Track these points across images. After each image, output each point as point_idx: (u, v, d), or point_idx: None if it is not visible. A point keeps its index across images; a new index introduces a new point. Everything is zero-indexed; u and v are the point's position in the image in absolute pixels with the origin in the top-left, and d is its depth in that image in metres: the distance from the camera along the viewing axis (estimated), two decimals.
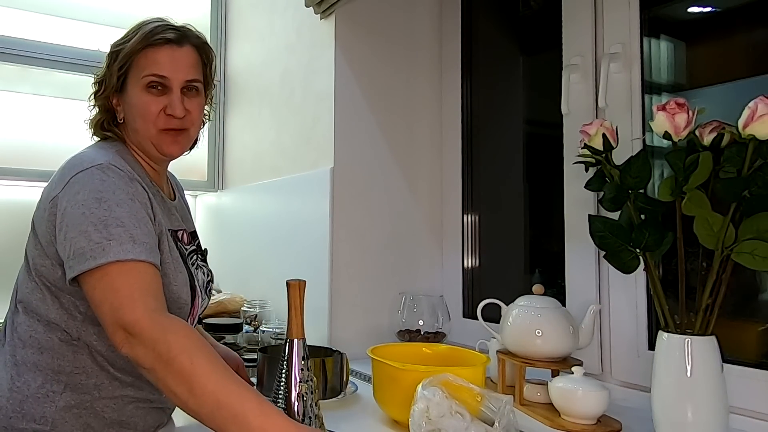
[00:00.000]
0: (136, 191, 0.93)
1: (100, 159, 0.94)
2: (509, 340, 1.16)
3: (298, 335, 0.88)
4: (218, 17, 2.42)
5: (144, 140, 1.03)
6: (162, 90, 1.00)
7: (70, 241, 0.87)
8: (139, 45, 1.00)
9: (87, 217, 0.86)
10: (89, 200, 0.88)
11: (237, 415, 0.71)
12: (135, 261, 0.85)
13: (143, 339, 0.78)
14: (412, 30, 1.77)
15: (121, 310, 0.80)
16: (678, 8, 1.28)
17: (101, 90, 1.05)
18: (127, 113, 1.04)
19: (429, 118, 1.78)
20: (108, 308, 0.82)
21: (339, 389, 1.19)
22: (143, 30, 1.02)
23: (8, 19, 2.15)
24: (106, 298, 0.83)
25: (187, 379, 0.75)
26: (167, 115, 1.01)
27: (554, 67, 1.39)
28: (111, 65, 1.03)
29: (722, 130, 0.90)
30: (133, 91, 1.01)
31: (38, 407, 0.91)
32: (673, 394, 0.90)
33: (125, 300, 0.81)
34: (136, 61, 1.00)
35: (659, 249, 0.96)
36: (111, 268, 0.83)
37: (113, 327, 0.81)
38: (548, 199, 1.52)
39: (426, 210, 1.76)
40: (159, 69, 1.00)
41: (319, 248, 1.60)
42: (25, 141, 2.14)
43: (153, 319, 0.80)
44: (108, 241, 0.84)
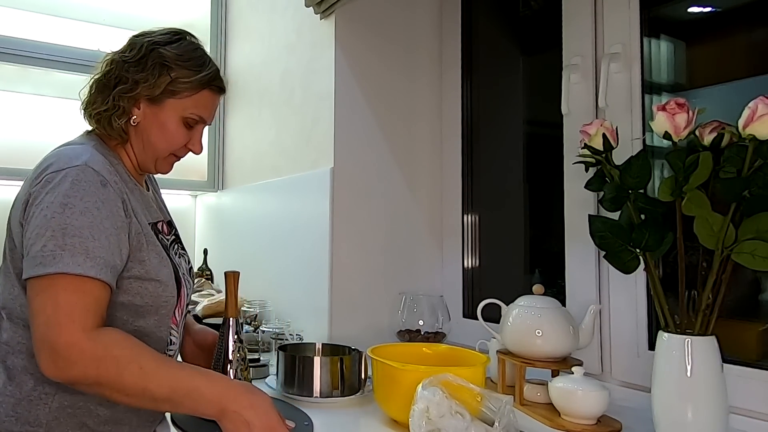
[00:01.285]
0: (107, 197, 0.91)
1: (78, 160, 0.91)
2: (509, 340, 1.16)
3: (232, 315, 1.09)
4: (218, 17, 2.42)
5: (150, 156, 1.05)
6: (191, 127, 1.06)
7: (27, 241, 0.86)
8: (200, 84, 1.03)
9: (48, 221, 0.85)
10: (55, 203, 0.86)
11: (191, 391, 0.83)
12: (84, 276, 0.83)
13: (83, 359, 0.80)
14: (413, 30, 1.77)
15: (55, 329, 0.80)
16: (678, 8, 1.28)
17: (134, 90, 1.01)
18: (148, 126, 1.03)
19: (429, 118, 1.78)
20: (42, 321, 0.81)
21: (357, 387, 1.20)
22: (207, 71, 1.04)
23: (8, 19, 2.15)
24: (44, 310, 0.82)
25: (140, 382, 0.82)
26: (186, 148, 1.08)
27: (554, 67, 1.39)
28: (159, 76, 1.01)
29: (722, 130, 0.90)
30: (170, 114, 1.03)
31: (32, 409, 0.91)
32: (673, 394, 0.90)
33: (63, 319, 0.81)
34: (190, 93, 1.03)
35: (659, 249, 0.96)
36: (58, 280, 0.82)
37: (41, 344, 0.81)
38: (548, 199, 1.52)
39: (426, 210, 1.76)
40: (204, 113, 1.06)
41: (319, 248, 1.60)
42: (25, 141, 2.14)
43: (92, 338, 0.81)
44: (61, 251, 0.83)
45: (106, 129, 1.03)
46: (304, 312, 1.67)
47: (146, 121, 1.03)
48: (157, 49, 1.02)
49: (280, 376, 1.22)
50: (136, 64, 1.01)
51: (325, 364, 1.17)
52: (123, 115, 1.02)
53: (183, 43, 1.05)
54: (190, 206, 2.60)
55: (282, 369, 1.21)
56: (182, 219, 2.53)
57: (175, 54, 1.02)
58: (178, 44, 1.04)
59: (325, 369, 1.17)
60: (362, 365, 1.21)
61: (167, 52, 1.02)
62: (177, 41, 1.05)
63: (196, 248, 2.48)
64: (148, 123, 1.03)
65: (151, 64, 1.01)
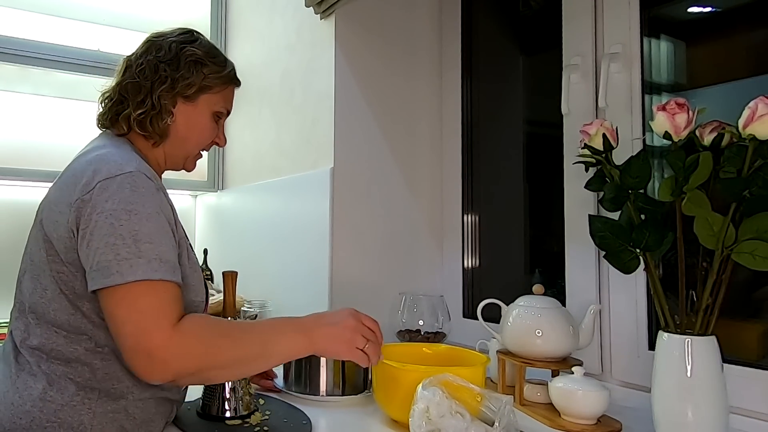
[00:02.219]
0: (162, 203, 0.92)
1: (129, 166, 0.91)
2: (509, 340, 1.16)
3: (230, 314, 1.11)
4: (218, 17, 2.42)
5: (181, 153, 1.09)
6: (218, 121, 1.11)
7: (95, 251, 0.84)
8: (228, 78, 1.10)
9: (116, 229, 0.84)
10: (119, 210, 0.85)
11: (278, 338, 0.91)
12: (161, 281, 0.84)
13: (179, 356, 0.82)
14: (413, 30, 1.77)
15: (145, 334, 0.81)
16: (678, 8, 1.28)
17: (175, 88, 1.03)
18: (184, 124, 1.06)
19: (429, 118, 1.78)
20: (131, 330, 0.82)
21: (362, 387, 1.20)
22: (230, 66, 1.11)
23: (8, 19, 2.15)
24: (131, 318, 0.82)
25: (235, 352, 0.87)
26: (212, 142, 1.13)
27: (554, 67, 1.39)
28: (195, 73, 1.04)
29: (722, 130, 0.90)
30: (202, 110, 1.07)
31: (75, 415, 0.89)
32: (673, 394, 0.89)
33: (150, 323, 0.82)
34: (220, 89, 1.09)
35: (659, 249, 0.96)
36: (137, 287, 0.83)
37: (133, 352, 0.82)
38: (548, 199, 1.52)
39: (426, 210, 1.76)
40: (230, 107, 1.14)
41: (319, 248, 1.60)
42: (25, 141, 2.15)
43: (180, 332, 0.83)
44: (137, 258, 0.83)
45: (148, 130, 1.03)
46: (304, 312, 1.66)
47: (181, 118, 1.05)
48: (188, 48, 1.05)
49: (286, 375, 1.23)
50: (170, 63, 1.04)
51: (331, 363, 1.18)
52: (167, 114, 1.04)
53: (202, 41, 1.10)
54: (190, 206, 2.60)
55: (288, 368, 1.22)
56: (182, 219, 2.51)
57: (204, 51, 1.06)
58: (199, 42, 1.09)
59: (331, 368, 1.18)
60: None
61: (196, 50, 1.06)
62: (197, 40, 1.09)
63: (196, 248, 2.48)
64: (184, 120, 1.06)
65: (185, 62, 1.04)
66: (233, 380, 1.05)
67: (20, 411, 0.89)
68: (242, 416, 1.05)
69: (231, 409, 1.05)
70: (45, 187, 1.01)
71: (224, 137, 1.15)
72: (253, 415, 1.06)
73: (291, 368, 1.23)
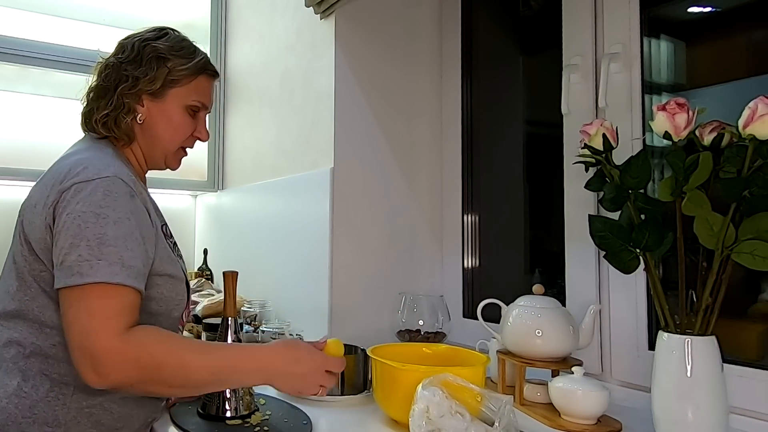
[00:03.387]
0: (136, 209, 0.92)
1: (107, 170, 0.92)
2: (509, 340, 1.16)
3: (231, 314, 1.09)
4: (218, 17, 2.42)
5: (158, 152, 1.08)
6: (194, 115, 1.10)
7: (60, 250, 0.86)
8: (196, 69, 1.08)
9: (82, 230, 0.85)
10: (87, 213, 0.87)
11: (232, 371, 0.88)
12: (119, 285, 0.85)
13: (123, 361, 0.81)
14: (413, 30, 1.77)
15: (90, 336, 0.81)
16: (678, 8, 1.28)
17: (136, 86, 1.04)
18: (156, 121, 1.06)
19: (429, 118, 1.78)
20: (78, 331, 0.83)
21: (362, 386, 1.20)
22: (199, 57, 1.09)
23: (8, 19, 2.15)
24: (78, 319, 0.83)
25: (180, 374, 0.85)
26: (193, 137, 1.12)
27: (554, 67, 1.39)
28: (157, 68, 1.04)
29: (722, 130, 0.90)
30: (172, 105, 1.06)
31: (49, 410, 0.90)
32: (673, 394, 0.90)
33: (96, 325, 0.82)
34: (188, 81, 1.07)
35: (659, 249, 0.96)
36: (92, 289, 0.83)
37: (79, 353, 0.82)
38: (548, 199, 1.52)
39: (426, 210, 1.76)
40: (205, 99, 1.11)
41: (319, 248, 1.60)
42: (25, 141, 2.15)
43: (127, 339, 0.82)
44: (98, 261, 0.84)
45: (113, 131, 1.04)
46: (304, 312, 1.67)
47: (151, 116, 1.06)
48: (150, 44, 1.05)
49: None
50: (132, 61, 1.04)
51: None
52: (129, 112, 1.04)
53: (170, 36, 1.09)
54: (190, 206, 2.60)
55: None
56: (182, 219, 2.53)
57: (167, 46, 1.06)
58: (167, 37, 1.08)
59: None
60: (368, 364, 1.21)
61: (160, 45, 1.05)
62: (163, 36, 1.09)
63: (196, 248, 2.48)
64: (154, 118, 1.06)
65: (147, 58, 1.04)
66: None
67: None
68: (243, 416, 1.05)
69: (231, 408, 1.05)
70: None
71: (206, 131, 1.13)
72: (253, 415, 1.06)
73: None
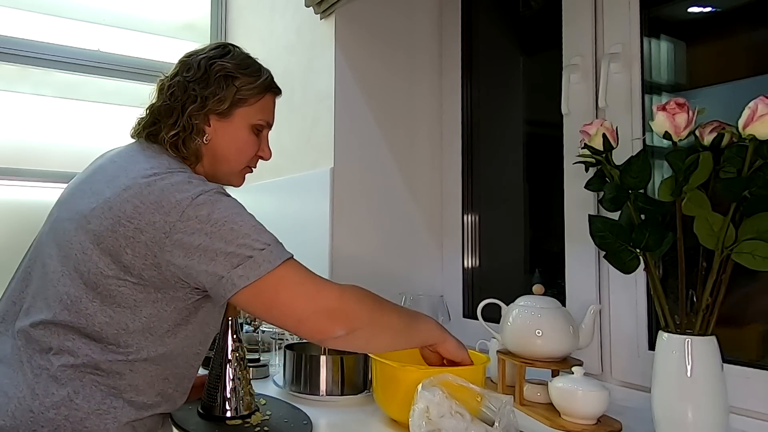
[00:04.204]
0: None
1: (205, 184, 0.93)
2: (509, 340, 1.16)
3: (231, 314, 1.10)
4: (218, 17, 2.42)
5: (225, 172, 1.08)
6: (258, 133, 1.09)
7: (226, 256, 0.85)
8: (264, 88, 1.07)
9: (240, 229, 0.87)
10: (230, 215, 0.88)
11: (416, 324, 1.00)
12: (292, 258, 0.90)
13: (354, 303, 0.91)
14: (413, 30, 1.77)
15: (319, 295, 0.88)
16: (678, 8, 1.28)
17: (205, 107, 1.01)
18: (221, 141, 1.04)
19: (429, 118, 1.78)
20: (303, 302, 0.87)
21: (362, 386, 1.20)
22: (265, 75, 1.08)
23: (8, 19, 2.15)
24: (296, 293, 0.87)
25: (391, 315, 0.96)
26: (257, 156, 1.12)
27: (554, 67, 1.39)
28: (226, 87, 1.02)
29: (722, 130, 0.90)
30: (240, 124, 1.05)
31: (100, 423, 0.88)
32: (673, 394, 0.90)
33: (317, 286, 0.89)
34: (255, 100, 1.06)
35: (659, 249, 0.96)
36: (284, 269, 0.87)
37: (313, 316, 0.88)
38: (548, 199, 1.52)
39: (426, 210, 1.76)
40: (270, 117, 1.11)
41: (319, 248, 1.60)
42: (25, 141, 2.14)
43: (343, 287, 0.91)
44: (274, 245, 0.88)
45: (181, 151, 1.01)
46: None
47: (218, 136, 1.04)
48: (217, 63, 1.03)
49: (286, 375, 1.23)
50: (199, 81, 1.02)
51: (331, 362, 1.18)
52: (199, 133, 1.02)
53: (234, 53, 1.07)
54: None
55: (288, 367, 1.22)
56: None
57: (234, 64, 1.04)
58: (231, 55, 1.06)
59: (331, 368, 1.18)
60: (368, 364, 1.21)
61: (227, 63, 1.03)
62: (228, 53, 1.06)
63: None
64: (220, 138, 1.04)
65: (215, 78, 1.02)
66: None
67: (42, 419, 0.86)
68: (243, 416, 1.05)
69: (232, 409, 1.05)
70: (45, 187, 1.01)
71: (269, 150, 1.13)
72: (253, 415, 1.06)
73: (290, 368, 1.22)
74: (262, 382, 1.31)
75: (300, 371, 1.20)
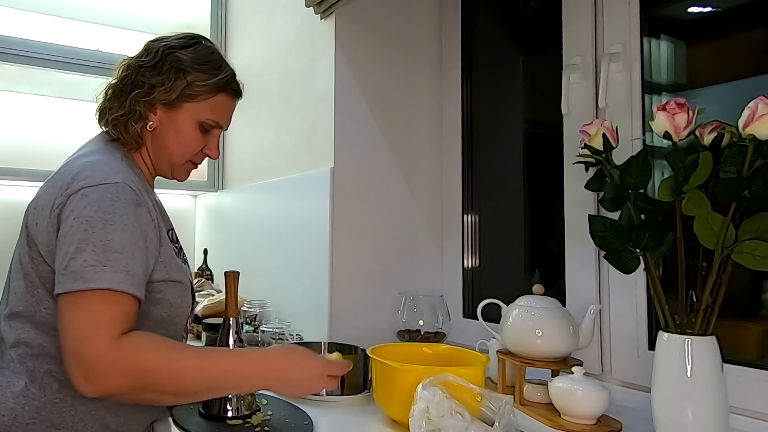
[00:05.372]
0: (141, 217, 0.91)
1: (115, 176, 0.91)
2: (509, 340, 1.16)
3: (232, 314, 1.08)
4: (218, 17, 2.42)
5: (166, 162, 1.06)
6: (208, 131, 1.06)
7: (66, 255, 0.85)
8: (216, 87, 1.04)
9: (89, 235, 0.85)
10: (95, 218, 0.86)
11: (228, 376, 0.85)
12: (121, 292, 0.84)
13: (114, 369, 0.79)
14: (413, 30, 1.77)
15: (83, 342, 0.80)
16: (678, 8, 1.28)
17: (150, 94, 1.01)
18: (165, 131, 1.03)
19: (429, 118, 1.78)
20: (72, 336, 0.81)
21: (362, 386, 1.20)
22: (223, 74, 1.05)
23: (8, 19, 2.15)
24: (74, 324, 0.81)
25: (174, 378, 0.82)
26: (202, 153, 1.08)
27: (554, 67, 1.39)
28: (175, 80, 1.00)
29: (722, 130, 0.90)
30: (185, 119, 1.03)
31: (56, 412, 0.90)
32: (673, 394, 0.90)
33: (91, 331, 0.80)
34: (205, 97, 1.03)
35: (659, 249, 0.96)
36: (95, 294, 0.82)
37: (71, 359, 0.81)
38: (548, 199, 1.52)
39: (426, 210, 1.76)
40: (221, 118, 1.07)
41: (319, 248, 1.60)
42: (25, 141, 2.15)
43: (118, 346, 0.81)
44: (103, 267, 0.83)
45: (122, 134, 1.02)
46: (304, 312, 1.68)
47: (162, 126, 1.03)
48: (174, 53, 1.02)
49: None
50: (152, 68, 1.01)
51: None
52: (139, 119, 1.02)
53: (199, 47, 1.05)
54: (190, 206, 2.60)
55: None
56: (182, 219, 2.53)
57: (191, 57, 1.02)
58: (194, 48, 1.04)
59: None
60: (368, 364, 1.21)
61: (183, 55, 1.02)
62: (193, 45, 1.05)
63: (196, 248, 2.48)
64: (165, 128, 1.03)
65: (168, 68, 1.01)
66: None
67: (3, 408, 0.90)
68: (244, 416, 1.05)
69: (233, 408, 1.05)
70: None
71: (216, 150, 1.09)
72: (254, 415, 1.06)
73: None
74: None
75: None
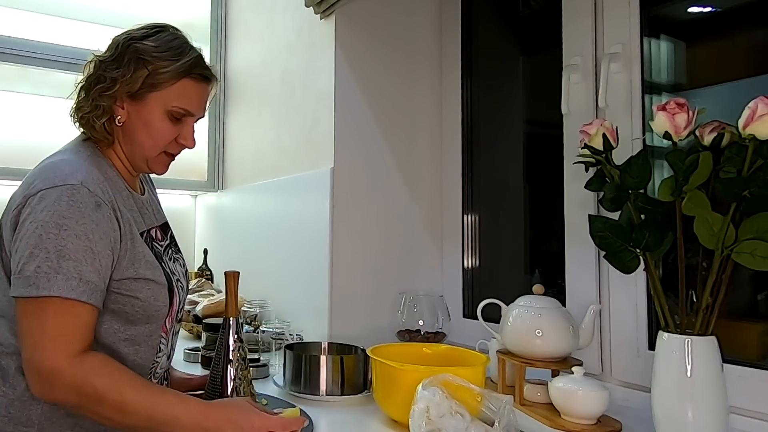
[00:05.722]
0: (101, 219, 0.89)
1: (73, 177, 0.89)
2: (509, 340, 1.16)
3: (232, 314, 1.08)
4: (218, 17, 2.42)
5: (139, 156, 1.03)
6: (179, 120, 1.02)
7: (20, 258, 0.85)
8: (178, 73, 0.99)
9: (42, 241, 0.84)
10: (50, 223, 0.85)
11: (169, 419, 0.85)
12: (75, 301, 0.84)
13: (65, 384, 0.83)
14: (413, 30, 1.77)
15: (41, 353, 0.82)
16: (678, 8, 1.28)
17: (112, 88, 0.99)
18: (134, 125, 1.01)
19: (429, 118, 1.78)
20: (29, 344, 0.84)
21: (362, 386, 1.20)
22: (186, 59, 1.00)
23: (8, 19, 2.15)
24: (31, 333, 0.84)
25: (118, 408, 0.84)
26: (178, 143, 1.04)
27: (554, 67, 1.39)
28: (135, 70, 0.98)
29: (722, 130, 0.90)
30: (152, 110, 1.00)
31: (24, 410, 0.90)
32: (673, 394, 0.90)
33: (48, 343, 0.82)
34: (169, 84, 1.00)
35: (659, 249, 0.96)
36: (48, 303, 0.83)
37: (27, 364, 0.84)
38: (548, 199, 1.52)
39: (426, 210, 1.76)
40: (189, 105, 1.02)
41: (319, 248, 1.60)
42: (25, 141, 2.14)
43: (73, 365, 0.83)
44: (56, 274, 0.83)
45: (90, 131, 1.02)
46: (304, 312, 1.67)
47: (131, 119, 1.01)
48: (134, 44, 1.00)
49: (286, 375, 1.23)
50: (113, 62, 1.00)
51: (332, 362, 1.18)
52: (103, 114, 1.00)
53: (161, 35, 1.02)
54: (190, 206, 2.60)
55: (288, 367, 1.22)
56: (182, 219, 2.53)
57: (151, 46, 0.99)
58: (156, 37, 1.01)
59: (331, 368, 1.18)
60: (368, 364, 1.21)
61: (143, 45, 0.99)
62: (155, 34, 1.02)
63: (196, 248, 2.48)
64: (133, 121, 1.01)
65: (128, 59, 0.99)
66: None
67: None
68: None
69: None
70: None
71: (192, 139, 1.06)
72: None
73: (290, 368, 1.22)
74: (262, 382, 1.31)
75: (300, 371, 1.20)
